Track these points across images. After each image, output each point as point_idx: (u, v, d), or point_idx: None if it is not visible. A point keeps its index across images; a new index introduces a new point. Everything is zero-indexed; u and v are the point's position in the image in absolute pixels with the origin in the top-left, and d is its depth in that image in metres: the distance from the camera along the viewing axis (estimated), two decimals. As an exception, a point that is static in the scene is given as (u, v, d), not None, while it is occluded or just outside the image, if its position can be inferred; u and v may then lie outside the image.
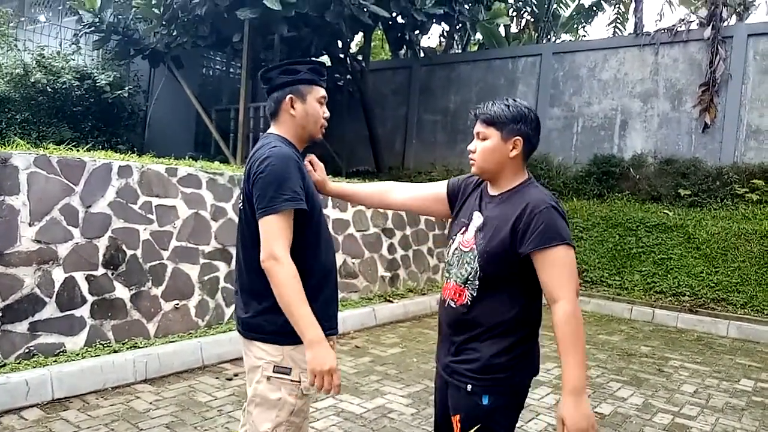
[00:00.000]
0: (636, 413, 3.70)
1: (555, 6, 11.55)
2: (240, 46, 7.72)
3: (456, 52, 11.73)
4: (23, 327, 3.48)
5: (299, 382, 1.74)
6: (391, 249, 6.50)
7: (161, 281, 4.22)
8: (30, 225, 3.52)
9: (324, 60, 10.57)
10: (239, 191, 4.84)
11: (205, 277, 4.53)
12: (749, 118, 7.63)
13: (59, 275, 3.64)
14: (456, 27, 9.87)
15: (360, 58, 9.66)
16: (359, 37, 10.55)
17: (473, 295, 1.66)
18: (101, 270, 3.85)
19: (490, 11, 8.38)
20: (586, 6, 11.84)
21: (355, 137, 10.20)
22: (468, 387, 1.65)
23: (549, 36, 11.81)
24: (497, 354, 1.63)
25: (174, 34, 7.55)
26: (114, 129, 7.89)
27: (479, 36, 11.57)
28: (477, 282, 1.65)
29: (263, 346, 1.75)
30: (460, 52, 11.77)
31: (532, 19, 11.82)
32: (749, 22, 8.67)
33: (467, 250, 1.69)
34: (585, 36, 12.55)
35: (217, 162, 6.07)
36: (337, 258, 3.85)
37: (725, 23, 7.98)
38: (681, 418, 3.66)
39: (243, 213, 1.80)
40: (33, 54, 7.47)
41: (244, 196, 1.78)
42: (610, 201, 8.07)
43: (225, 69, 10.16)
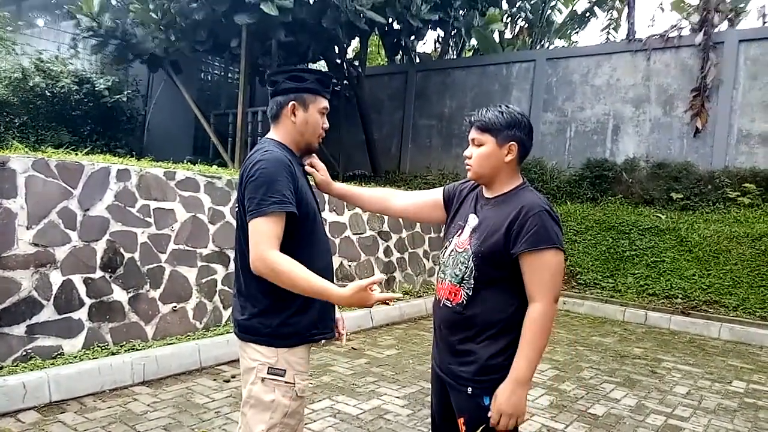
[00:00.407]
0: (629, 414, 3.74)
1: (549, 12, 11.67)
2: (238, 51, 7.77)
3: (451, 57, 11.82)
4: (21, 330, 3.49)
5: (293, 384, 1.76)
6: (388, 252, 6.54)
7: (159, 284, 4.25)
8: (28, 228, 3.55)
9: (321, 65, 10.65)
10: (237, 194, 4.88)
11: (203, 280, 4.56)
12: (740, 122, 7.74)
13: (57, 278, 3.66)
14: (451, 33, 9.98)
15: (356, 63, 9.74)
16: (356, 43, 10.63)
17: (469, 294, 1.70)
18: (99, 273, 3.88)
19: (484, 17, 8.47)
20: (579, 12, 11.96)
21: (352, 141, 10.26)
22: (468, 390, 1.69)
23: (543, 42, 11.93)
24: (493, 356, 1.67)
25: (172, 39, 7.60)
26: (112, 133, 7.92)
27: (474, 42, 11.67)
28: (472, 281, 1.69)
29: (258, 347, 1.77)
30: (455, 57, 11.86)
31: (526, 25, 11.93)
32: (740, 28, 8.79)
33: (462, 250, 1.73)
34: (578, 42, 12.69)
35: (215, 166, 6.10)
36: (334, 261, 3.87)
37: (716, 29, 8.10)
38: (674, 419, 3.70)
39: (239, 216, 1.83)
40: (31, 58, 7.51)
41: (239, 199, 1.81)
42: (603, 204, 8.14)
43: (223, 74, 10.21)
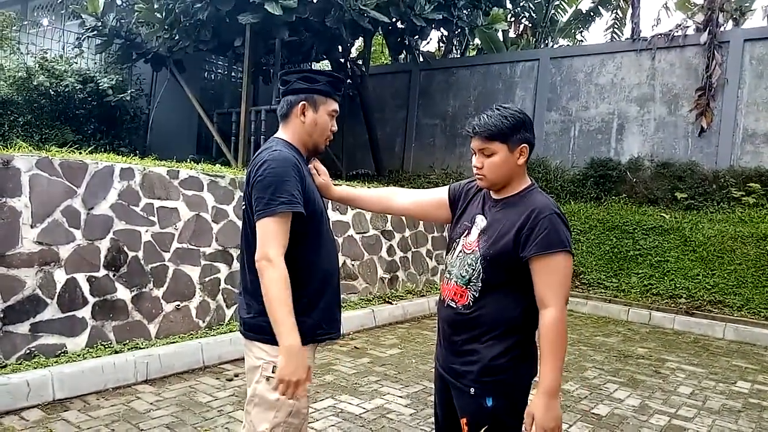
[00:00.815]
0: (633, 414, 3.73)
1: (552, 12, 11.64)
2: (241, 50, 7.78)
3: (455, 57, 11.81)
4: (24, 328, 3.51)
5: None
6: (391, 251, 6.54)
7: (162, 282, 4.26)
8: (32, 227, 3.56)
9: (324, 64, 10.66)
10: (240, 194, 4.89)
11: (206, 279, 4.57)
12: (745, 122, 7.69)
13: (61, 276, 3.67)
14: (455, 32, 9.95)
15: (360, 62, 9.74)
16: (359, 42, 10.62)
17: (475, 296, 1.69)
18: (103, 271, 3.89)
19: (488, 17, 8.45)
20: (583, 11, 11.94)
21: (355, 140, 10.26)
22: (471, 390, 1.68)
23: (547, 41, 11.90)
24: (496, 356, 1.66)
25: (176, 38, 7.62)
26: (116, 132, 7.95)
27: (478, 41, 11.65)
28: (479, 283, 1.68)
29: (263, 346, 1.77)
30: (458, 57, 11.85)
31: (530, 25, 11.90)
32: (745, 27, 8.75)
33: (470, 252, 1.71)
34: (582, 41, 12.64)
35: (219, 165, 6.12)
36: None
37: (721, 28, 8.06)
38: (678, 419, 3.69)
39: (245, 215, 1.84)
40: (36, 57, 7.54)
41: (245, 198, 1.82)
42: (607, 204, 8.12)
43: (227, 73, 10.22)
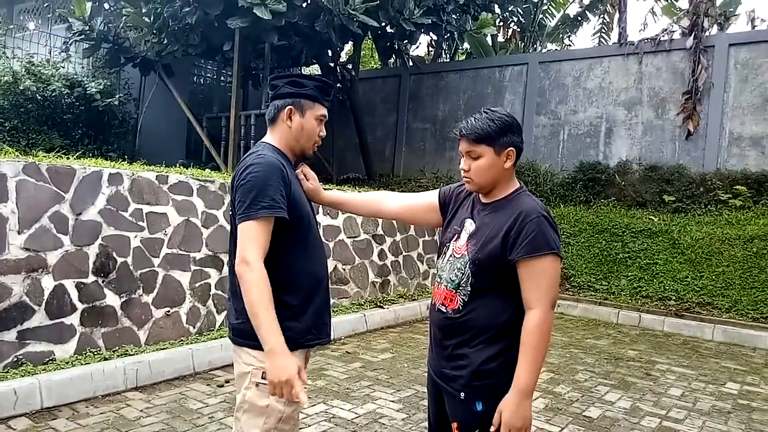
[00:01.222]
0: (624, 417, 3.75)
1: (541, 16, 11.75)
2: (230, 54, 7.75)
3: (444, 61, 11.86)
4: (11, 335, 3.45)
5: None
6: (382, 255, 6.54)
7: (152, 288, 4.22)
8: (19, 233, 3.51)
9: (314, 69, 10.66)
10: (230, 199, 4.86)
11: (197, 284, 4.54)
12: (731, 125, 7.81)
13: (49, 283, 3.62)
14: (444, 37, 10.00)
15: (350, 66, 9.74)
16: (349, 46, 10.64)
17: (465, 300, 1.69)
18: (91, 277, 3.85)
19: (477, 21, 8.48)
20: (571, 16, 12.06)
21: (346, 144, 10.26)
22: (461, 395, 1.68)
23: (535, 45, 12.00)
24: (486, 360, 1.66)
25: (164, 42, 7.56)
26: (104, 137, 7.87)
27: (467, 45, 11.72)
28: (469, 288, 1.68)
29: (252, 352, 1.76)
30: (448, 61, 11.90)
31: (518, 29, 12.00)
32: (730, 31, 8.89)
33: (459, 256, 1.72)
34: (570, 45, 12.76)
35: (208, 169, 6.08)
36: (328, 264, 3.86)
37: (707, 33, 8.17)
38: (668, 421, 3.71)
39: (232, 220, 1.84)
40: (22, 61, 7.45)
41: (231, 203, 1.82)
42: (596, 207, 8.18)
43: (216, 77, 10.18)
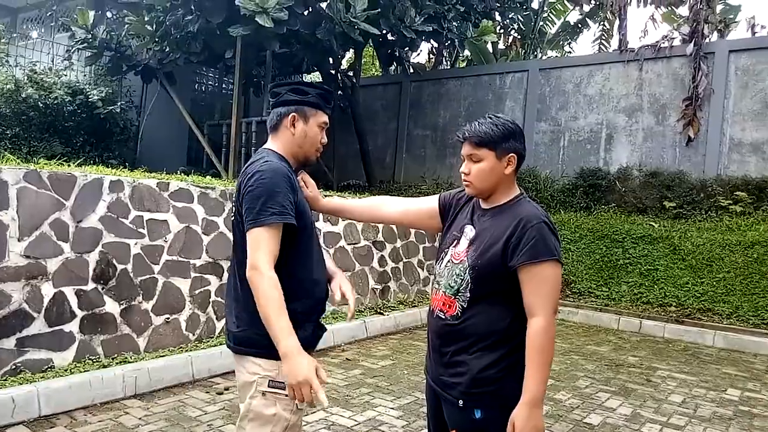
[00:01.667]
0: (625, 423, 3.73)
1: (541, 24, 11.80)
2: (232, 62, 7.80)
3: (445, 68, 11.91)
4: (10, 343, 3.45)
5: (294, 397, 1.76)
6: (382, 261, 6.53)
7: (152, 295, 4.22)
8: (19, 240, 3.52)
9: (315, 76, 10.70)
10: (231, 205, 4.88)
11: (197, 291, 4.54)
12: (732, 131, 7.81)
13: (48, 290, 3.63)
14: (445, 44, 10.06)
15: (351, 74, 9.80)
16: (350, 54, 10.69)
17: (463, 307, 1.68)
18: (91, 285, 3.85)
19: (477, 29, 8.53)
20: (571, 23, 12.11)
21: (347, 151, 10.29)
22: (460, 402, 1.67)
23: (535, 52, 12.05)
24: (485, 368, 1.65)
25: (166, 50, 7.62)
26: (106, 144, 7.91)
27: (467, 53, 11.77)
28: (468, 294, 1.67)
29: (257, 360, 1.74)
30: (448, 68, 11.95)
31: (518, 37, 12.05)
32: (730, 38, 8.92)
33: (458, 262, 1.71)
34: (570, 52, 12.81)
35: (209, 177, 6.10)
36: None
37: (707, 40, 8.20)
38: (669, 428, 3.69)
39: (235, 227, 1.84)
40: (25, 70, 7.51)
41: (235, 210, 1.81)
42: (596, 213, 8.18)
43: (217, 84, 10.23)
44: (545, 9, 11.71)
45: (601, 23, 11.72)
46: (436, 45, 11.15)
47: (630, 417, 3.86)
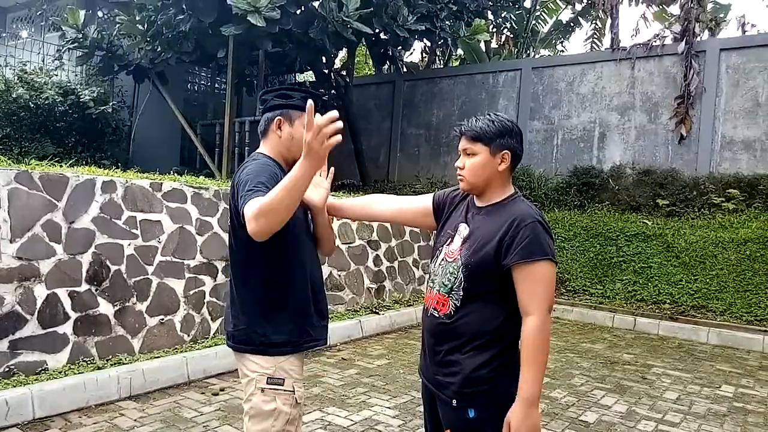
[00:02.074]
0: (620, 421, 3.75)
1: (533, 22, 11.84)
2: (225, 61, 7.76)
3: (438, 67, 11.91)
4: (3, 345, 3.42)
5: (293, 391, 1.80)
6: (377, 261, 6.53)
7: (146, 296, 4.19)
8: (11, 242, 3.49)
9: (308, 75, 10.67)
10: (224, 206, 4.85)
11: (191, 292, 4.51)
12: (723, 129, 7.87)
13: (41, 292, 3.59)
14: (438, 43, 10.06)
15: (344, 73, 9.78)
16: (343, 53, 10.67)
17: (457, 305, 1.68)
18: (85, 286, 3.82)
19: (470, 28, 8.54)
20: (563, 22, 12.15)
21: (340, 151, 10.19)
22: (453, 402, 1.67)
23: (528, 51, 12.08)
24: (477, 367, 1.64)
25: (158, 50, 7.57)
26: (98, 144, 7.84)
27: (460, 52, 11.78)
28: (461, 292, 1.67)
29: (254, 358, 1.80)
30: (442, 67, 11.96)
31: (511, 35, 12.08)
32: (721, 37, 8.98)
33: (452, 260, 1.71)
34: (563, 51, 12.85)
35: (203, 176, 6.07)
36: (324, 270, 3.83)
37: (698, 38, 8.26)
38: (664, 425, 3.71)
39: (231, 227, 1.87)
40: (15, 70, 7.43)
41: (230, 210, 1.84)
42: (590, 211, 8.21)
43: (210, 84, 10.18)
44: (537, 8, 11.74)
45: (593, 22, 11.77)
46: (428, 44, 11.14)
47: (625, 414, 3.87)
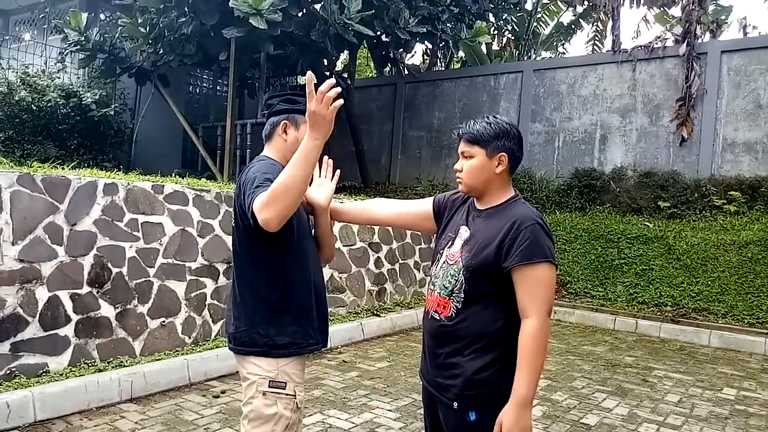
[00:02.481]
0: (621, 424, 3.74)
1: (535, 25, 11.84)
2: (226, 64, 7.78)
3: (439, 69, 11.93)
4: (5, 348, 3.42)
5: (294, 395, 1.79)
6: (378, 263, 6.53)
7: (147, 299, 4.19)
8: (13, 244, 3.49)
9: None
10: (226, 208, 4.86)
11: (192, 294, 4.51)
12: (725, 131, 7.86)
13: (43, 294, 3.60)
14: (439, 45, 10.06)
15: (345, 75, 9.79)
16: (344, 55, 10.69)
17: (458, 308, 1.68)
18: (86, 288, 3.82)
19: (472, 30, 8.54)
20: (565, 24, 12.16)
21: (342, 153, 10.26)
22: (454, 405, 1.68)
23: (529, 53, 12.08)
24: (478, 370, 1.65)
25: (160, 52, 7.58)
26: (100, 147, 7.85)
27: (462, 54, 11.79)
28: (462, 294, 1.67)
29: (255, 360, 1.79)
30: (443, 69, 11.97)
31: (512, 38, 12.08)
32: (722, 39, 8.98)
33: (453, 263, 1.72)
34: (564, 53, 12.85)
35: (204, 179, 6.07)
36: (325, 273, 3.84)
37: (699, 40, 8.26)
38: (666, 428, 3.71)
39: (235, 229, 1.87)
40: (17, 72, 7.45)
41: (234, 212, 1.85)
42: (591, 213, 8.20)
43: (212, 86, 10.20)
44: (539, 10, 11.75)
45: (594, 24, 11.77)
46: (430, 46, 11.16)
47: (627, 417, 3.87)
